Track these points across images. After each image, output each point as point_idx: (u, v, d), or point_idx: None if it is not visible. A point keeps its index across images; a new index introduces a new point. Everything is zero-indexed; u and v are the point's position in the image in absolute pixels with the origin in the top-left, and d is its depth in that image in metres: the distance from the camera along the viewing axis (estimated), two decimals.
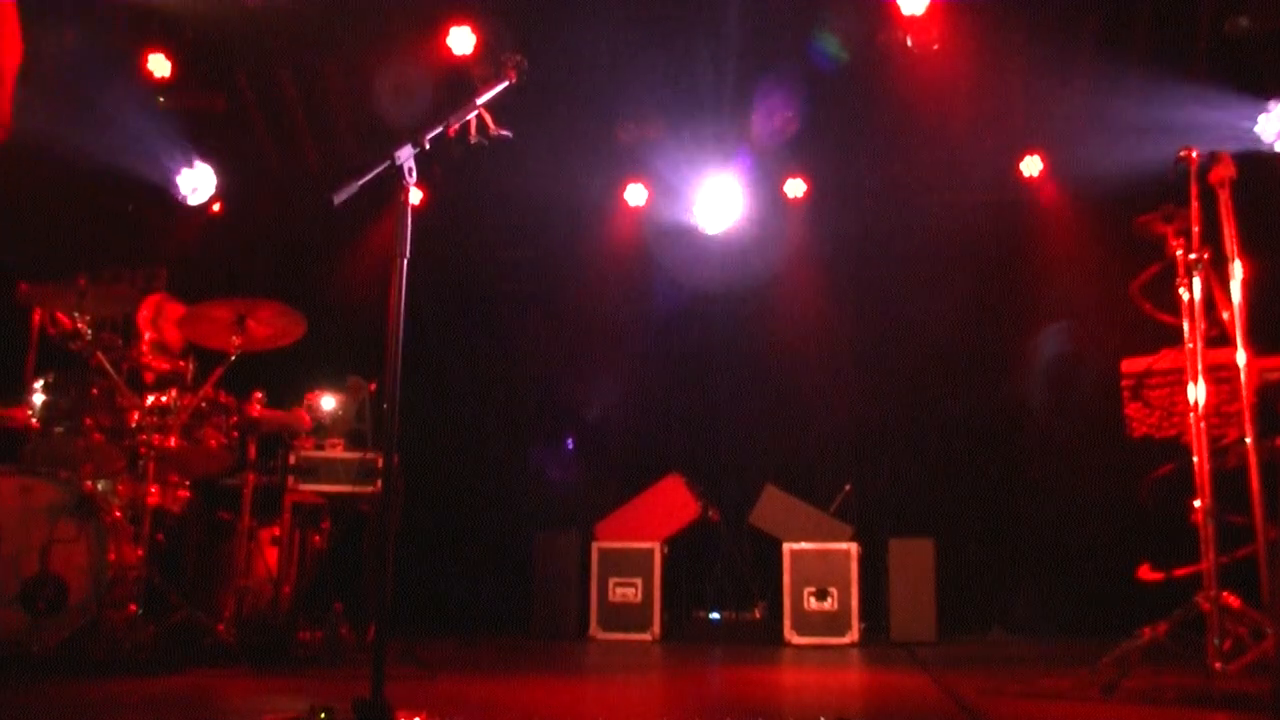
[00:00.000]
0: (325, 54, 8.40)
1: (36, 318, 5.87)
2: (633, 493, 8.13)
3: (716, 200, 9.06)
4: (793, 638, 7.34)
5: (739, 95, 8.35)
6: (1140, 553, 5.08)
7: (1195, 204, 4.46)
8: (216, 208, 9.32)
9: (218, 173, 9.19)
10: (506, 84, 3.73)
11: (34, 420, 5.31)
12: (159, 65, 8.14)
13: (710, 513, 8.09)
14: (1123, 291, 4.93)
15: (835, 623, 7.31)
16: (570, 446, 9.35)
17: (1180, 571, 4.63)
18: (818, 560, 7.45)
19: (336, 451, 5.90)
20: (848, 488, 7.99)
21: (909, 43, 7.70)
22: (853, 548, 7.42)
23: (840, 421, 8.78)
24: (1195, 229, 4.46)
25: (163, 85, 8.28)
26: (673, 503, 8.03)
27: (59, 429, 5.31)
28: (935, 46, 7.70)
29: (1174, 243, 4.57)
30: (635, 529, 7.92)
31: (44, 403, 5.31)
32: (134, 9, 7.60)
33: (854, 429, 8.76)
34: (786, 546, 7.50)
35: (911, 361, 8.70)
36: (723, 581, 8.25)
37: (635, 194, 9.28)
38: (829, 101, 8.29)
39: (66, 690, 4.27)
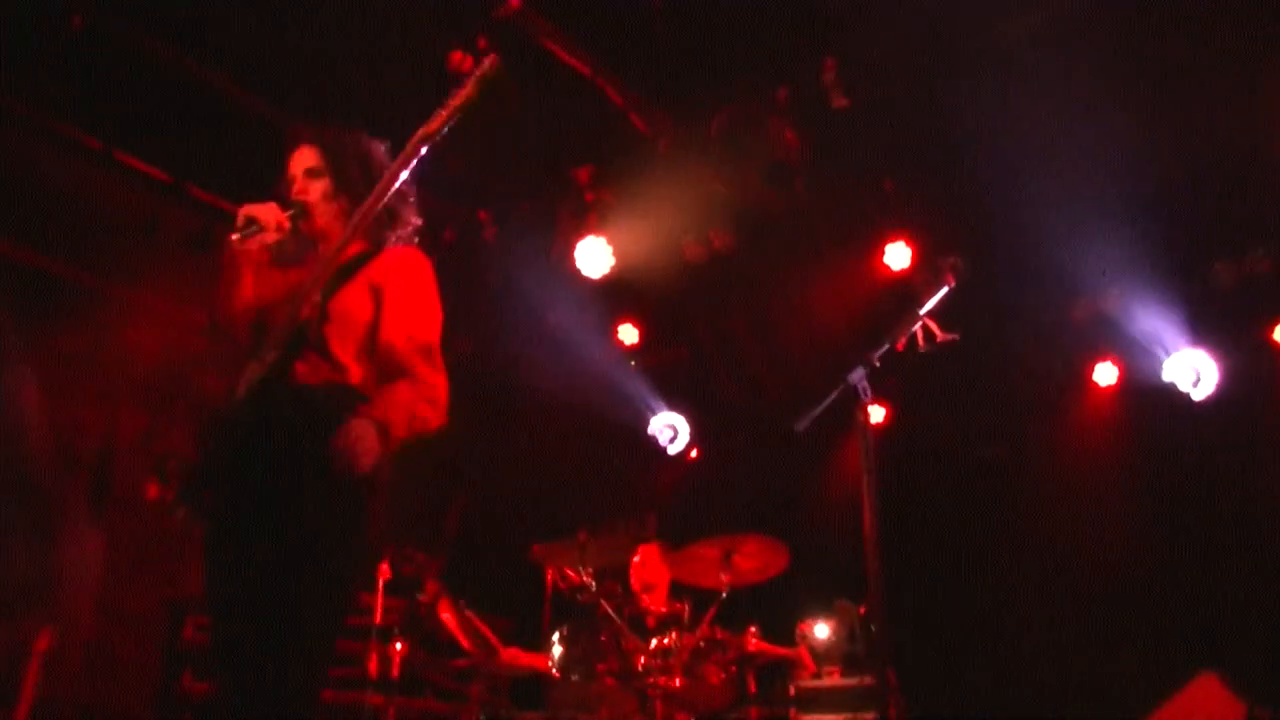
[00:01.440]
0: (770, 293, 8.85)
1: (549, 575, 6.43)
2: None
3: (1191, 364, 8.25)
4: None
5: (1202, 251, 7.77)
6: None
7: None
8: (693, 452, 9.87)
9: (690, 419, 9.78)
10: (946, 289, 3.73)
11: (554, 670, 5.72)
12: (628, 334, 9.13)
13: (1257, 713, 6.99)
14: None
15: None
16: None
17: None
18: None
19: (834, 679, 5.83)
20: None
21: None
22: None
23: None
24: None
25: (632, 350, 9.15)
26: (1210, 709, 7.03)
27: (575, 677, 5.67)
28: None
29: None
30: None
31: (561, 653, 5.72)
32: (606, 287, 8.47)
33: None
34: None
35: None
36: None
37: (1105, 373, 8.73)
38: None
39: None
